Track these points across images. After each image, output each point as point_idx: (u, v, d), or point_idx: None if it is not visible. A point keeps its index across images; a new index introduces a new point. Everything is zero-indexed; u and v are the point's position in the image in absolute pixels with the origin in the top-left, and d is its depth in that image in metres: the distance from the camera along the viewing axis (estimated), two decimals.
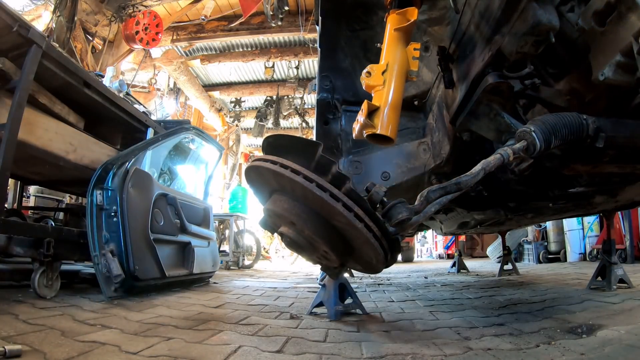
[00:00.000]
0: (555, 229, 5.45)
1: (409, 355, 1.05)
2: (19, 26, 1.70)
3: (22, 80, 1.70)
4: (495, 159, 0.75)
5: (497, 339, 1.20)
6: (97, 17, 4.63)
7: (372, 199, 0.74)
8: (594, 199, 1.50)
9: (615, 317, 1.42)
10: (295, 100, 8.02)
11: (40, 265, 1.66)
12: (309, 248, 0.82)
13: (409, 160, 1.49)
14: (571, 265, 4.54)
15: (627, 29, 0.63)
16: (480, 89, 0.93)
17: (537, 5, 0.76)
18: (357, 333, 1.36)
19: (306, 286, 2.95)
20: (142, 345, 1.08)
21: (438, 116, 1.37)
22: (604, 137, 0.78)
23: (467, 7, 0.99)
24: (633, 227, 4.19)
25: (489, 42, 0.91)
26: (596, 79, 0.71)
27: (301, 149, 0.77)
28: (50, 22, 4.11)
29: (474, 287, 2.78)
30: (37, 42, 1.75)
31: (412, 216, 0.70)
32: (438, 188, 0.73)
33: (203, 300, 2.01)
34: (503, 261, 3.61)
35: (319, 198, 0.68)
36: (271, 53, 6.76)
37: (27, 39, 1.73)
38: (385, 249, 0.76)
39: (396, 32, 0.99)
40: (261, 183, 0.87)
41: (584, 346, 1.07)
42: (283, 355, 1.06)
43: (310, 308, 1.76)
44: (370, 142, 0.99)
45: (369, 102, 0.93)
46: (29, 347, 0.97)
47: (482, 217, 2.04)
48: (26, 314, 1.33)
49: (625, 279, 2.16)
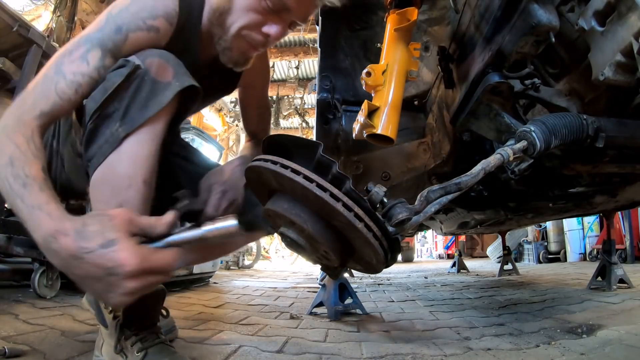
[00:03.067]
0: (555, 229, 5.45)
1: (409, 355, 1.05)
2: (19, 26, 1.70)
3: (22, 80, 1.70)
4: (495, 159, 0.75)
5: (497, 339, 1.20)
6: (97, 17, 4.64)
7: (372, 199, 0.74)
8: (594, 199, 1.50)
9: (615, 317, 1.42)
10: (295, 100, 8.02)
11: (40, 265, 1.66)
12: (309, 248, 0.82)
13: (409, 160, 1.49)
14: (571, 265, 4.54)
15: (627, 29, 0.63)
16: (480, 89, 0.93)
17: (537, 5, 0.76)
18: (357, 333, 1.36)
19: (306, 286, 2.95)
20: None
21: (438, 116, 1.37)
22: (604, 137, 0.78)
23: (467, 7, 0.99)
24: (633, 227, 4.19)
25: (489, 42, 0.91)
26: (596, 79, 0.71)
27: (301, 149, 0.77)
28: (50, 22, 4.12)
29: (474, 287, 2.78)
30: (37, 42, 1.75)
31: (412, 216, 0.70)
32: (438, 188, 0.73)
33: (203, 300, 2.01)
34: (503, 261, 3.60)
35: (319, 198, 0.68)
36: (271, 53, 6.77)
37: (27, 39, 1.73)
38: (385, 249, 0.75)
39: (396, 32, 0.99)
40: (261, 183, 0.87)
41: (584, 346, 1.07)
42: (283, 355, 1.06)
43: (310, 308, 1.76)
44: (370, 142, 0.99)
45: (369, 102, 0.93)
46: (29, 347, 0.97)
47: (482, 217, 2.04)
48: (26, 314, 1.33)
49: (625, 279, 2.16)
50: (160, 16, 0.82)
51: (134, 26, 0.78)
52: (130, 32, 0.78)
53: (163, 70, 0.73)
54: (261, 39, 0.85)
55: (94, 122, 0.73)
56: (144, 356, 0.79)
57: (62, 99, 0.72)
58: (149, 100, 0.71)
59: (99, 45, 0.76)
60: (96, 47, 0.75)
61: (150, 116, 0.71)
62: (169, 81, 0.72)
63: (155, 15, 0.81)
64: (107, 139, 0.71)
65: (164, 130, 0.76)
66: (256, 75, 1.16)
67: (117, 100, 0.71)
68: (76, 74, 0.73)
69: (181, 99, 0.76)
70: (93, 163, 0.73)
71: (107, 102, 0.72)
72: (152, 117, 0.71)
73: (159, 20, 0.82)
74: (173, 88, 0.71)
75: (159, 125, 0.74)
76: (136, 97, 0.71)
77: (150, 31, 0.80)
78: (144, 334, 0.83)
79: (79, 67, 0.74)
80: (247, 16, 0.84)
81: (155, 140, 0.73)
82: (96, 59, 0.75)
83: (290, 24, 0.88)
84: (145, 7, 0.81)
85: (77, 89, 0.73)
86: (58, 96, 0.72)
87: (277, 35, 0.85)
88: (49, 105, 0.71)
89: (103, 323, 0.84)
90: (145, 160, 0.72)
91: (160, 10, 0.82)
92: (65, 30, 4.11)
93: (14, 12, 1.74)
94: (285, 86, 7.77)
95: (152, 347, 0.81)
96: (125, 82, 0.71)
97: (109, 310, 0.81)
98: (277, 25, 0.84)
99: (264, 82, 1.23)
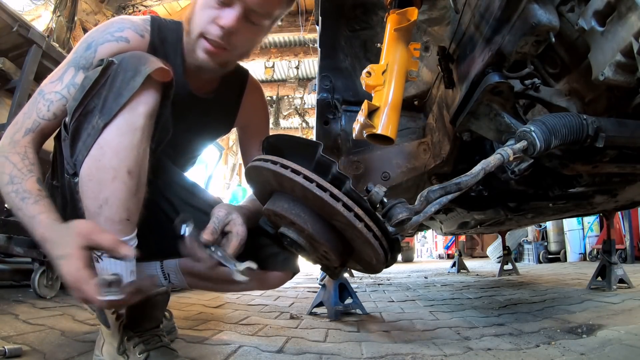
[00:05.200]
0: (555, 229, 5.45)
1: (409, 355, 1.05)
2: (19, 26, 1.70)
3: (22, 80, 1.70)
4: (495, 159, 0.75)
5: (497, 339, 1.21)
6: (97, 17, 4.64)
7: (372, 199, 0.74)
8: (594, 199, 1.50)
9: (615, 317, 1.42)
10: (295, 100, 8.03)
11: (40, 265, 1.66)
12: (309, 248, 0.82)
13: (409, 160, 1.49)
14: (571, 265, 4.54)
15: (627, 29, 0.63)
16: (480, 89, 0.93)
17: (537, 5, 0.76)
18: (357, 333, 1.36)
19: (306, 286, 2.95)
20: None
21: (438, 116, 1.37)
22: (604, 137, 0.77)
23: (467, 7, 0.99)
24: (633, 227, 4.19)
25: (489, 42, 0.91)
26: (596, 79, 0.71)
27: (301, 149, 0.77)
28: (50, 22, 4.12)
29: (474, 287, 2.78)
30: (37, 42, 1.75)
31: (412, 216, 0.70)
32: (438, 188, 0.73)
33: (203, 300, 2.01)
34: (503, 261, 3.61)
35: (319, 198, 0.68)
36: (271, 53, 6.77)
37: (27, 39, 1.73)
38: (385, 249, 0.75)
39: (396, 32, 0.99)
40: (261, 183, 0.87)
41: (584, 346, 1.07)
42: (283, 355, 1.06)
43: (310, 308, 1.76)
44: (370, 142, 0.99)
45: (369, 102, 0.93)
46: (29, 347, 0.97)
47: (482, 217, 2.04)
48: (26, 314, 1.33)
49: (625, 279, 2.16)
50: (127, 28, 0.90)
51: (102, 40, 0.87)
52: (99, 46, 0.86)
53: (135, 62, 0.75)
54: (218, 32, 0.87)
55: (77, 120, 0.75)
56: (146, 358, 0.80)
57: (39, 116, 0.82)
58: (122, 89, 0.73)
59: (72, 65, 0.85)
60: (70, 67, 0.85)
61: (125, 102, 0.72)
62: (140, 69, 0.74)
63: (122, 28, 0.89)
64: (89, 132, 0.74)
65: (147, 122, 0.75)
66: (254, 113, 1.19)
67: (96, 96, 0.74)
68: (51, 92, 0.83)
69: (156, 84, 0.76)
70: (78, 160, 0.75)
71: (86, 99, 0.75)
72: (129, 105, 0.72)
73: (127, 32, 0.89)
74: (144, 73, 0.73)
75: (137, 114, 0.73)
76: (112, 89, 0.73)
77: (120, 41, 0.88)
78: (147, 335, 0.83)
79: (55, 86, 0.84)
80: (203, 13, 0.88)
81: (136, 131, 0.73)
82: (69, 77, 0.84)
83: (250, 15, 0.87)
84: (113, 25, 0.90)
85: (49, 105, 0.83)
86: (37, 114, 0.82)
87: (231, 24, 0.85)
88: (31, 123, 0.82)
89: (105, 323, 0.84)
90: (128, 151, 0.72)
91: (127, 24, 0.91)
92: (65, 30, 4.11)
93: (14, 12, 1.74)
94: (285, 86, 7.77)
95: (154, 349, 0.82)
96: (101, 77, 0.74)
97: (112, 311, 0.81)
98: (229, 15, 0.85)
99: (262, 122, 1.23)
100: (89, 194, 0.73)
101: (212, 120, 1.12)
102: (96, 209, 0.72)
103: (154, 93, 0.76)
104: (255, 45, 0.98)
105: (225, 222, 0.88)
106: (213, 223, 0.86)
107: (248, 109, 1.17)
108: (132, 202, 0.74)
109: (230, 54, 0.92)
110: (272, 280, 1.07)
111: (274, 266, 1.05)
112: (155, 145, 0.83)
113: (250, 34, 0.92)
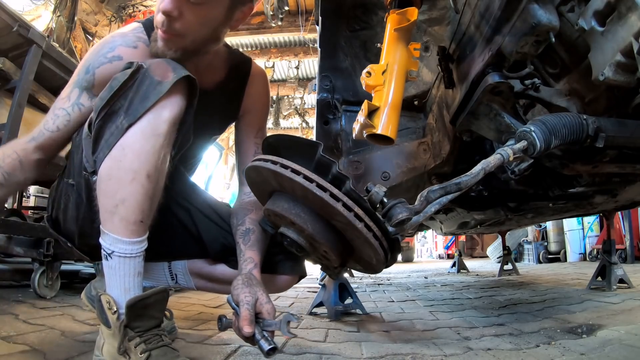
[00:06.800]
0: (555, 229, 5.45)
1: (409, 355, 1.05)
2: (19, 26, 1.70)
3: (22, 80, 1.70)
4: (495, 159, 0.75)
5: (497, 339, 1.21)
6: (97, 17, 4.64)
7: (372, 199, 0.74)
8: (594, 199, 1.49)
9: (615, 317, 1.42)
10: (295, 100, 8.02)
11: (40, 265, 1.66)
12: (309, 248, 0.82)
13: (409, 160, 1.49)
14: (571, 265, 4.54)
15: (627, 29, 0.63)
16: (480, 89, 0.93)
17: (537, 5, 0.76)
18: (357, 333, 1.36)
19: (306, 286, 2.95)
20: None
21: (438, 116, 1.37)
22: (604, 137, 0.77)
23: (467, 7, 0.99)
24: (633, 227, 4.19)
25: (489, 42, 0.91)
26: (596, 79, 0.71)
27: (301, 149, 0.77)
28: (50, 22, 4.12)
29: (474, 287, 2.78)
30: (37, 42, 1.75)
31: (412, 216, 0.70)
32: (438, 188, 0.73)
33: (203, 300, 2.01)
34: (503, 261, 3.61)
35: (319, 198, 0.68)
36: (271, 53, 6.77)
37: (27, 39, 1.73)
38: (385, 249, 0.75)
39: (396, 32, 0.99)
40: (261, 183, 0.87)
41: (584, 346, 1.07)
42: (283, 355, 1.06)
43: (310, 308, 1.76)
44: (370, 142, 0.99)
45: (369, 102, 0.93)
46: (29, 347, 0.97)
47: (482, 217, 2.04)
48: (26, 314, 1.33)
49: (625, 279, 2.15)
50: (118, 45, 0.94)
51: (97, 63, 0.92)
52: (96, 69, 0.92)
53: (163, 68, 0.79)
54: (161, 18, 0.87)
55: (102, 119, 0.78)
56: (148, 357, 0.80)
57: (45, 127, 0.91)
58: (149, 93, 0.76)
59: (77, 86, 0.93)
60: (75, 88, 0.93)
61: (150, 105, 0.75)
62: (168, 76, 0.78)
63: (113, 47, 0.94)
64: (112, 132, 0.76)
65: (170, 128, 0.78)
66: (257, 99, 1.20)
67: (123, 97, 0.77)
68: (59, 108, 0.92)
69: (182, 92, 0.80)
70: (99, 158, 0.77)
71: (113, 99, 0.78)
72: (154, 108, 0.76)
73: (118, 49, 0.94)
74: (171, 79, 0.77)
75: (162, 119, 0.77)
76: (139, 91, 0.77)
77: (113, 61, 0.92)
78: (148, 335, 0.83)
79: (63, 103, 0.92)
80: (156, 6, 0.91)
81: (159, 136, 0.76)
82: (75, 97, 0.92)
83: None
84: (104, 46, 0.95)
85: (55, 120, 0.91)
86: (44, 126, 0.92)
87: (165, 6, 0.84)
88: (37, 132, 0.92)
89: (105, 323, 0.84)
90: (149, 155, 0.75)
91: (118, 41, 0.95)
92: (65, 30, 4.11)
93: (14, 12, 1.74)
94: (285, 86, 7.77)
95: (155, 349, 0.82)
96: (129, 79, 0.78)
97: (113, 310, 0.81)
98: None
99: (263, 109, 1.23)
100: (106, 193, 0.75)
101: (217, 112, 1.14)
102: (112, 208, 0.74)
103: (180, 100, 0.79)
104: (214, 25, 0.93)
105: (255, 305, 0.87)
106: (247, 311, 0.84)
107: (252, 97, 1.18)
108: (147, 205, 0.77)
109: (184, 39, 0.90)
110: (280, 283, 1.11)
111: (282, 270, 1.09)
112: (175, 152, 0.86)
113: (198, 15, 0.88)
